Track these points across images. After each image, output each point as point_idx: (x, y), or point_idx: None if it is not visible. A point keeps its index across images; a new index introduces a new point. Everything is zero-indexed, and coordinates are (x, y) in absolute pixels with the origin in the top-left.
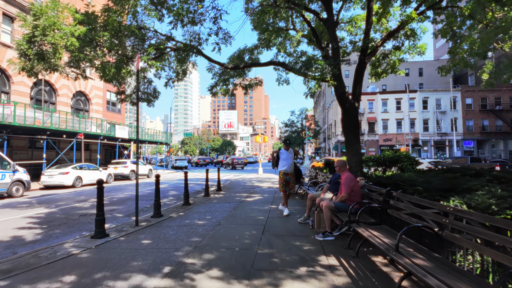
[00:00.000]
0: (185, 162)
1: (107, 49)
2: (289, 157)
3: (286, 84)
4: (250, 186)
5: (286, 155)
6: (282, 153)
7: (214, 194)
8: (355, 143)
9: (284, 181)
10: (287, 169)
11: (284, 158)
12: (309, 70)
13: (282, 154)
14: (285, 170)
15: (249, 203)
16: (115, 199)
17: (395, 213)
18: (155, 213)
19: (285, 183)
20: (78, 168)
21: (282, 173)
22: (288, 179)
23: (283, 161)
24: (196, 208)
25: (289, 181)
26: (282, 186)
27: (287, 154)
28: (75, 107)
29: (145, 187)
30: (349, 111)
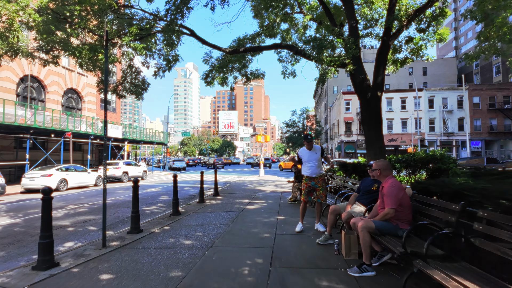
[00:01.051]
0: (183, 163)
1: (79, 27)
2: (313, 157)
3: (293, 77)
4: (251, 190)
5: (308, 156)
6: (303, 155)
7: (210, 200)
8: (377, 140)
9: (307, 188)
10: (312, 173)
11: (306, 160)
12: (323, 52)
13: (302, 156)
14: (310, 173)
15: (250, 213)
16: (96, 205)
17: (490, 245)
18: (132, 228)
19: (308, 191)
20: (64, 169)
21: (305, 177)
22: (314, 185)
23: (305, 164)
24: (186, 220)
25: (316, 188)
26: (304, 194)
27: (309, 154)
28: (66, 105)
29: None
30: (370, 103)
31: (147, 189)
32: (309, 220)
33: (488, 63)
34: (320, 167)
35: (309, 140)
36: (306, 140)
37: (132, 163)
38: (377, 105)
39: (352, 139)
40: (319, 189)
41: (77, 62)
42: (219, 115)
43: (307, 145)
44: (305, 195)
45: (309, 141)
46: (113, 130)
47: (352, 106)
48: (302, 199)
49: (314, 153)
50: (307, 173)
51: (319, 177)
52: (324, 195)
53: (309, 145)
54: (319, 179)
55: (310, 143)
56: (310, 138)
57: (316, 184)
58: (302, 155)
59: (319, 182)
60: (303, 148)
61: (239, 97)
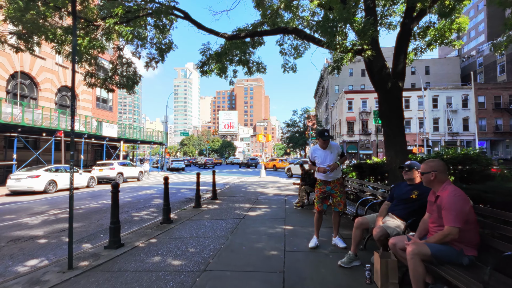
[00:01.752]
0: (182, 163)
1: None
2: (329, 158)
3: (293, 71)
4: (253, 193)
5: (323, 156)
6: (316, 155)
7: (207, 205)
8: (399, 137)
9: (322, 194)
10: (328, 176)
11: (320, 161)
12: (338, 34)
13: (317, 157)
14: (325, 178)
15: (253, 221)
16: (82, 210)
17: None
18: (111, 242)
19: (323, 198)
20: (53, 170)
21: (319, 181)
22: (330, 190)
23: (319, 165)
24: (177, 230)
25: (333, 194)
26: (317, 202)
27: (324, 154)
28: (60, 104)
29: (128, 193)
30: (391, 94)
31: (141, 191)
32: (323, 232)
33: (492, 62)
34: (339, 169)
35: (325, 138)
36: (321, 137)
37: (128, 163)
38: (398, 96)
39: (355, 139)
40: (337, 195)
41: (54, 48)
42: (219, 115)
43: (322, 143)
44: (320, 203)
45: (326, 138)
46: (108, 129)
47: (354, 105)
48: (316, 207)
49: (329, 152)
50: (321, 176)
51: (336, 180)
52: (343, 203)
53: (325, 143)
54: (336, 183)
55: (327, 141)
56: (327, 135)
57: (333, 189)
58: (315, 155)
59: (337, 187)
60: (316, 147)
61: (239, 97)
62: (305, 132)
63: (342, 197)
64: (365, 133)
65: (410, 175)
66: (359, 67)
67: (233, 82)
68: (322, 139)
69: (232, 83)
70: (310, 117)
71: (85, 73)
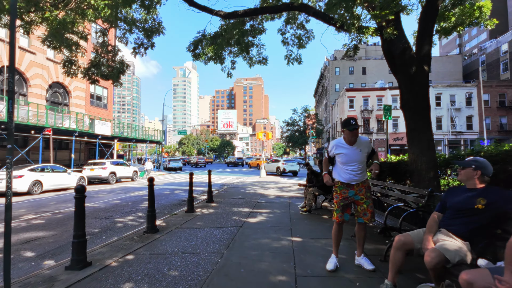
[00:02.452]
0: (179, 163)
1: None
2: (357, 157)
3: (298, 62)
4: (252, 195)
5: (349, 154)
6: (339, 151)
7: (201, 209)
8: (425, 132)
9: (343, 201)
10: (352, 179)
11: (345, 160)
12: (354, 6)
13: (340, 154)
14: (348, 179)
15: (253, 230)
16: (60, 215)
17: None
18: (74, 262)
19: (345, 206)
20: (39, 170)
21: (339, 184)
22: (354, 195)
23: (341, 165)
24: (162, 243)
25: (357, 201)
26: (337, 211)
27: (351, 152)
28: (52, 100)
29: (118, 194)
30: (415, 80)
31: (132, 192)
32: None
33: (495, 60)
34: (365, 170)
35: (352, 128)
36: (347, 127)
37: (121, 162)
38: (424, 83)
39: None
40: (362, 203)
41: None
42: (218, 114)
43: (349, 136)
44: (340, 212)
45: (353, 128)
46: (101, 126)
47: (355, 103)
48: (335, 218)
49: (358, 150)
50: (342, 178)
51: (361, 184)
52: (370, 212)
53: (353, 136)
54: (362, 186)
55: (355, 134)
56: (354, 124)
57: (357, 195)
58: (338, 151)
59: (362, 192)
60: (340, 141)
61: (238, 96)
62: (305, 131)
63: (369, 205)
64: (367, 132)
65: (469, 175)
66: (360, 65)
67: (231, 75)
68: (349, 130)
69: (230, 75)
70: (310, 116)
71: (64, 60)
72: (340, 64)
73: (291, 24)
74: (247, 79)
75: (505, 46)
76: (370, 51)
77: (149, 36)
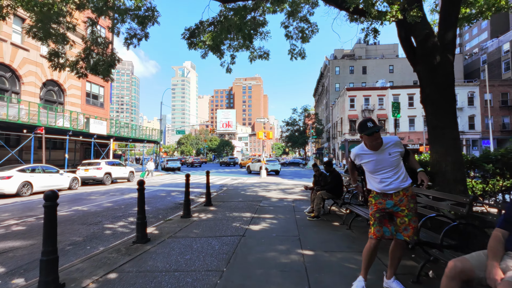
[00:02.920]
0: (177, 163)
1: None
2: (386, 162)
3: (301, 57)
4: (254, 197)
5: (375, 161)
6: (362, 159)
7: (199, 213)
8: (449, 128)
9: (378, 212)
10: (390, 187)
11: (372, 168)
12: None
13: (364, 164)
14: (383, 189)
15: (257, 241)
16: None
17: None
18: (42, 284)
19: (381, 218)
20: (29, 170)
21: (374, 194)
22: (393, 207)
23: (372, 175)
24: (151, 256)
25: (397, 213)
26: (374, 225)
27: (376, 159)
28: (46, 99)
29: (112, 196)
30: (439, 70)
31: (127, 194)
32: (353, 259)
33: (497, 59)
34: (404, 174)
35: (370, 132)
36: (365, 133)
37: (117, 162)
38: (448, 74)
39: (357, 137)
40: (403, 215)
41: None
42: (217, 113)
43: (369, 141)
44: (377, 225)
45: (371, 133)
46: (96, 125)
47: (356, 103)
48: (372, 233)
49: (386, 154)
50: (375, 187)
51: (402, 192)
52: (412, 227)
53: (374, 140)
54: (403, 195)
55: (376, 136)
56: (372, 127)
57: (397, 206)
58: (363, 160)
59: (403, 202)
60: (362, 147)
61: (237, 96)
62: (305, 131)
63: (412, 219)
64: None
65: None
66: (360, 65)
67: (230, 70)
68: (367, 135)
69: (230, 71)
70: (310, 116)
71: (49, 52)
72: (340, 64)
73: (294, 17)
74: (246, 79)
75: (507, 45)
76: (370, 50)
77: (143, 25)
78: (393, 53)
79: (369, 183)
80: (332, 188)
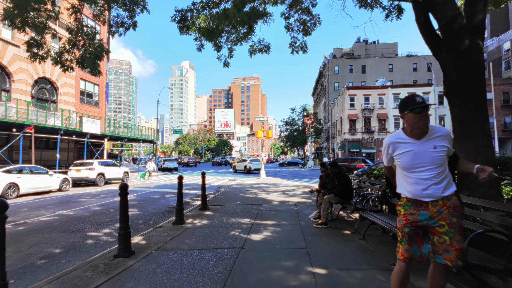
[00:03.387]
0: (175, 163)
1: None
2: (429, 157)
3: (303, 51)
4: (253, 200)
5: (414, 151)
6: (401, 150)
7: (193, 219)
8: (480, 122)
9: (409, 226)
10: (425, 193)
11: (409, 163)
12: None
13: (401, 154)
14: (418, 194)
15: (258, 255)
16: (22, 227)
17: None
18: None
19: (412, 233)
20: (16, 171)
21: (403, 202)
22: (429, 220)
23: (407, 171)
24: (133, 276)
25: (434, 229)
26: (402, 242)
27: (419, 147)
28: (38, 97)
29: (103, 198)
30: (467, 57)
31: (118, 196)
32: (381, 283)
33: (497, 58)
34: (448, 180)
35: (419, 109)
36: (411, 108)
37: (111, 162)
38: (478, 61)
39: (357, 137)
40: (442, 231)
41: None
42: (215, 113)
43: (415, 120)
44: (406, 243)
45: (421, 110)
46: (90, 124)
47: (356, 102)
48: (400, 253)
49: (430, 146)
50: (408, 191)
51: (442, 201)
52: (456, 249)
53: (422, 121)
54: (443, 206)
55: (424, 117)
56: (422, 102)
57: (434, 219)
58: (398, 151)
59: (443, 215)
60: (398, 134)
61: (236, 96)
62: (304, 131)
63: (455, 237)
64: (368, 131)
65: None
66: (359, 64)
67: (228, 64)
68: (415, 112)
69: (228, 65)
70: (309, 115)
71: (28, 41)
72: (339, 63)
73: (296, 8)
74: (244, 79)
75: (507, 44)
76: (370, 49)
77: (131, 12)
78: (392, 52)
79: (400, 184)
80: (341, 191)
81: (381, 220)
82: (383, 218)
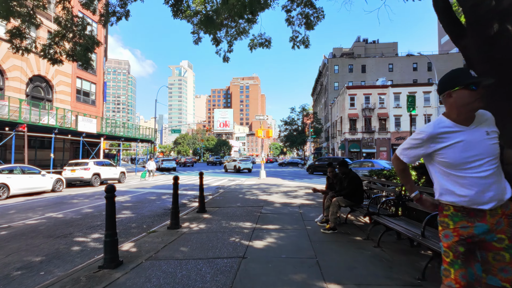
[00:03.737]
0: (173, 163)
1: None
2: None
3: (305, 46)
4: (254, 202)
5: (470, 140)
6: (447, 139)
7: (190, 223)
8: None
9: (461, 243)
10: (484, 195)
11: (461, 157)
12: None
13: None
14: (475, 198)
15: (262, 267)
16: (5, 231)
17: None
18: None
19: (468, 253)
20: (6, 171)
21: (451, 211)
22: (487, 234)
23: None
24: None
25: (491, 244)
26: (455, 266)
27: (471, 136)
28: (33, 95)
29: (97, 200)
30: (496, 43)
31: None
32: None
33: None
34: (503, 177)
35: (475, 84)
36: (467, 82)
37: (107, 162)
38: (509, 47)
39: (357, 137)
40: (501, 248)
41: None
42: (214, 113)
43: (468, 99)
44: (463, 267)
45: (477, 85)
46: (85, 123)
47: (356, 101)
48: (451, 279)
49: (482, 133)
50: (459, 196)
51: (500, 209)
52: None
53: (476, 101)
54: (501, 215)
55: (481, 95)
56: (477, 77)
57: (492, 232)
58: (442, 143)
59: (501, 226)
60: (440, 121)
61: (235, 96)
62: (304, 130)
63: None
64: (368, 131)
65: None
66: (359, 63)
67: (227, 58)
68: (469, 89)
69: (227, 60)
70: (309, 115)
71: (10, 30)
72: (339, 62)
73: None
74: (243, 78)
75: None
76: (369, 48)
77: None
78: (392, 52)
79: (442, 188)
80: (350, 194)
81: (399, 226)
82: (402, 223)
